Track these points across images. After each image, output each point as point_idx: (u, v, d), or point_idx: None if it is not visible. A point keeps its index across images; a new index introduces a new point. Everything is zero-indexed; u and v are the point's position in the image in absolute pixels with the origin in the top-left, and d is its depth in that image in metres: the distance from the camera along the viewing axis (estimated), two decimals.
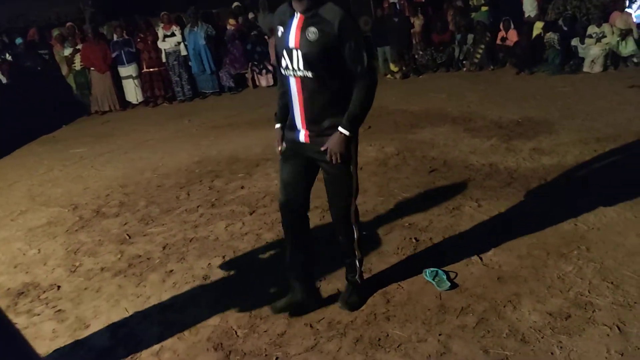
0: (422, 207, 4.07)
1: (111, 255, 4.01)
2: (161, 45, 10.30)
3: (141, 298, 3.34)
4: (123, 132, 8.53)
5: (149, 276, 3.60)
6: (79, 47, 10.32)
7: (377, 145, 5.76)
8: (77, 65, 10.36)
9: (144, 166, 6.27)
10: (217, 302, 3.16)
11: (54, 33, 11.09)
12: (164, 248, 3.99)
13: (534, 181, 4.35)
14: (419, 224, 3.80)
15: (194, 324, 2.98)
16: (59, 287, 3.63)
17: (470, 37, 10.05)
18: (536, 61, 9.23)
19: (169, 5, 11.14)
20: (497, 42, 9.83)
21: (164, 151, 6.86)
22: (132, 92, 10.58)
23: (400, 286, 3.06)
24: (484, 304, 2.80)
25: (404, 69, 10.32)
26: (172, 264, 3.73)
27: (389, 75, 10.46)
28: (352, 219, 2.81)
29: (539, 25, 9.39)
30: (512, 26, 9.65)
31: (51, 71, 10.35)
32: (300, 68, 2.51)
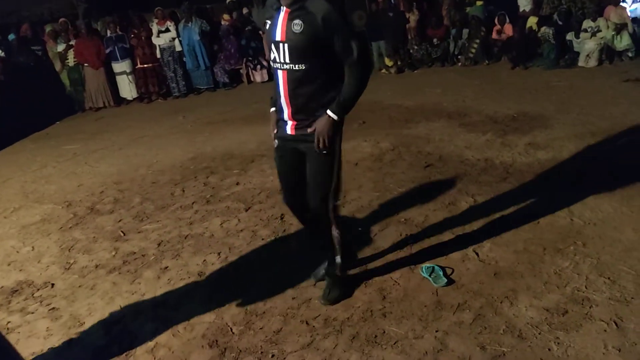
0: (417, 203, 4.05)
1: (105, 252, 3.98)
2: (155, 41, 10.24)
3: (136, 295, 3.32)
4: (117, 128, 8.48)
5: (143, 273, 3.57)
6: (72, 43, 10.24)
7: (372, 141, 5.74)
8: (71, 61, 10.28)
9: (138, 163, 6.23)
10: (212, 298, 3.14)
11: (47, 29, 10.99)
12: (158, 245, 3.97)
13: (529, 176, 4.35)
14: (414, 220, 3.79)
15: (188, 320, 2.96)
16: (53, 284, 3.60)
17: (465, 31, 10.03)
18: (531, 56, 9.23)
19: (163, 1, 11.05)
20: (493, 37, 9.81)
21: (158, 147, 6.82)
22: (127, 88, 10.52)
23: (396, 282, 3.05)
24: (481, 300, 2.79)
25: (398, 63, 10.29)
26: (167, 260, 3.71)
27: (383, 70, 10.43)
28: (330, 215, 2.77)
29: (533, 19, 9.38)
30: (507, 20, 9.64)
31: (44, 67, 10.26)
32: (286, 61, 2.54)
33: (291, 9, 2.48)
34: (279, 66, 2.58)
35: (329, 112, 2.56)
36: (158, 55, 10.33)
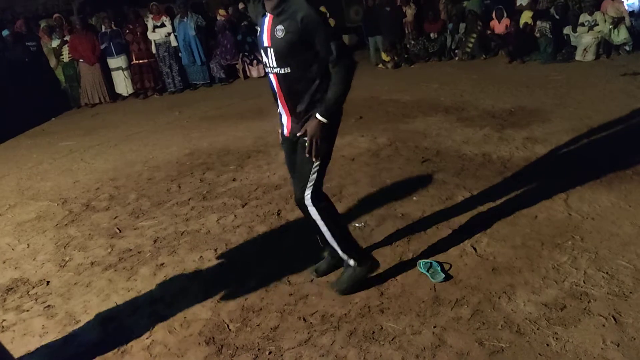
0: (414, 198, 4.04)
1: (101, 249, 3.96)
2: (151, 36, 10.19)
3: (132, 292, 3.30)
4: (113, 124, 8.45)
5: (139, 270, 3.55)
6: (66, 38, 10.18)
7: (369, 136, 5.72)
8: (65, 57, 10.23)
9: (134, 159, 6.20)
10: (209, 295, 3.12)
11: (41, 25, 10.92)
12: (154, 241, 3.95)
13: (527, 170, 4.33)
14: (412, 215, 3.77)
15: (185, 317, 2.94)
16: (48, 282, 3.57)
17: (462, 26, 10.02)
18: (528, 50, 9.21)
19: None
20: (489, 31, 9.79)
21: (154, 143, 6.79)
22: (122, 84, 10.48)
23: (394, 278, 3.03)
24: (479, 296, 2.78)
25: (395, 58, 10.27)
26: (163, 257, 3.68)
27: (380, 65, 10.41)
28: (312, 210, 2.77)
29: (528, 14, 9.36)
30: (504, 15, 9.62)
31: (39, 63, 10.21)
32: (274, 65, 2.64)
33: (274, 14, 2.57)
34: (270, 70, 2.68)
35: (317, 115, 2.60)
36: (153, 51, 10.29)
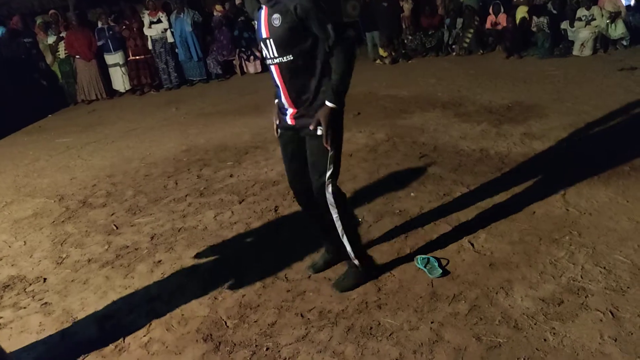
0: (412, 194, 4.03)
1: (98, 246, 3.95)
2: (147, 32, 10.15)
3: (129, 289, 3.29)
4: (110, 121, 8.42)
5: (136, 267, 3.54)
6: (62, 34, 10.14)
7: (367, 132, 5.71)
8: (62, 53, 10.19)
9: (131, 155, 6.19)
10: (206, 292, 3.11)
11: (37, 21, 10.87)
12: (152, 238, 3.94)
13: (525, 166, 4.33)
14: (409, 211, 3.77)
15: (182, 315, 2.93)
16: (45, 279, 3.56)
17: (460, 21, 10.00)
18: (526, 45, 9.20)
19: None
20: (488, 27, 9.78)
21: (151, 140, 6.77)
22: (119, 80, 10.45)
23: (391, 274, 3.03)
24: (476, 291, 2.78)
25: (393, 54, 10.25)
26: (160, 254, 3.67)
27: (378, 61, 10.39)
28: (331, 200, 2.76)
29: (523, 9, 9.35)
30: (501, 10, 9.61)
31: (36, 60, 10.17)
32: (275, 55, 2.64)
33: (268, 5, 2.60)
34: (270, 62, 2.68)
35: (326, 102, 2.62)
36: (150, 47, 10.25)
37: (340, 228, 2.83)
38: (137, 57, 10.25)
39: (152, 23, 10.13)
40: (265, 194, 4.43)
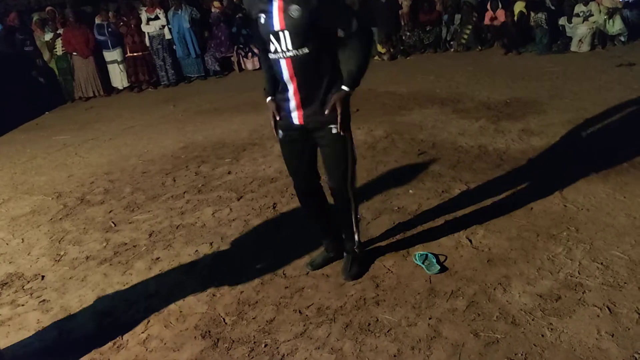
0: (411, 191, 4.03)
1: (96, 243, 3.94)
2: (145, 28, 10.12)
3: (127, 286, 3.29)
4: (107, 118, 8.40)
5: (135, 264, 3.54)
6: (59, 31, 10.10)
7: (366, 128, 5.70)
8: (59, 50, 10.15)
9: (128, 152, 6.18)
10: (205, 289, 3.11)
11: (34, 18, 10.83)
12: (150, 235, 3.93)
13: (523, 162, 4.33)
14: (408, 208, 3.77)
15: (181, 311, 2.93)
16: (43, 276, 3.56)
17: (458, 17, 9.98)
18: (524, 41, 9.20)
19: None
20: (486, 23, 9.77)
21: (149, 137, 6.76)
22: (118, 77, 10.42)
23: (389, 270, 3.03)
24: (474, 287, 2.78)
25: (391, 50, 10.24)
26: (158, 251, 3.67)
27: (376, 57, 10.36)
28: (349, 193, 2.85)
29: (521, 5, 9.34)
30: (500, 6, 9.59)
31: (33, 57, 10.13)
32: (289, 48, 2.56)
33: None
34: (281, 55, 2.58)
35: (343, 86, 2.62)
36: (147, 44, 10.22)
37: (354, 218, 2.92)
38: (135, 54, 10.22)
39: (149, 19, 10.09)
40: (264, 190, 4.43)
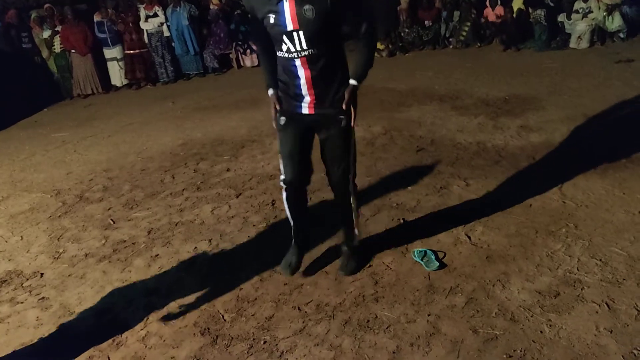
0: (409, 187, 4.03)
1: (95, 240, 3.94)
2: (144, 25, 10.08)
3: (126, 283, 3.29)
4: (106, 115, 8.38)
5: (134, 261, 3.54)
6: (58, 29, 10.08)
7: (364, 125, 5.70)
8: (57, 47, 10.12)
9: (127, 150, 6.17)
10: (204, 286, 3.12)
11: (32, 15, 10.80)
12: (149, 232, 3.93)
13: (522, 159, 4.33)
14: (406, 204, 3.77)
15: (180, 308, 2.93)
16: (42, 274, 3.56)
17: (457, 14, 9.97)
18: (523, 37, 9.19)
19: None
20: (490, 19, 9.75)
21: (147, 134, 6.75)
22: (117, 74, 10.39)
23: (388, 267, 3.03)
24: (473, 284, 2.78)
25: (390, 47, 10.22)
26: (157, 248, 3.67)
27: (375, 54, 10.35)
28: (350, 187, 2.88)
29: (519, 1, 9.32)
30: (498, 2, 9.58)
31: (32, 54, 10.11)
32: (304, 47, 2.57)
33: None
34: (295, 55, 2.59)
35: (351, 81, 2.67)
36: (146, 41, 10.19)
37: (355, 211, 2.94)
38: (133, 51, 10.20)
39: (148, 17, 10.05)
40: (262, 187, 4.43)
